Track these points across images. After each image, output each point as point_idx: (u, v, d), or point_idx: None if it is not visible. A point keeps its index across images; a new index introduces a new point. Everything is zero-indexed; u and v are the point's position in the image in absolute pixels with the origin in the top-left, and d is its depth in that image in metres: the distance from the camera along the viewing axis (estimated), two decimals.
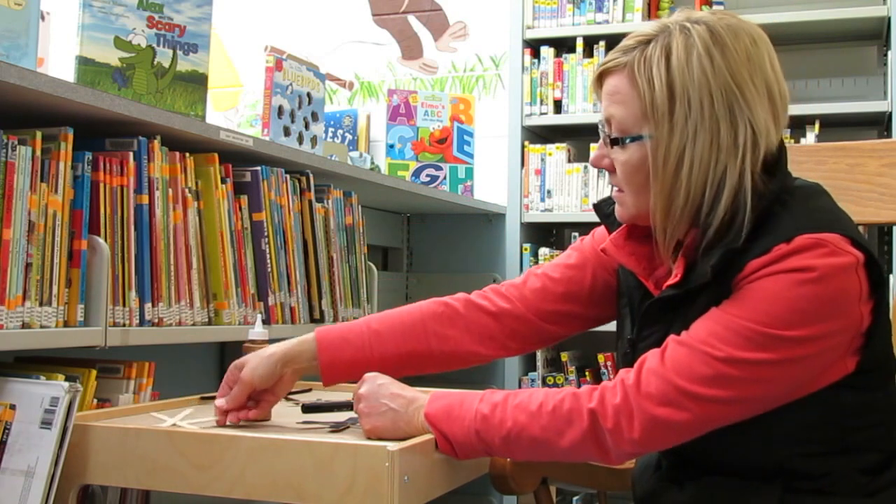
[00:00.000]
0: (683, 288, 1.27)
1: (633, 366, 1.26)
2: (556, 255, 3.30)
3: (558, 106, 3.35)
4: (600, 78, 1.33)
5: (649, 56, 1.27)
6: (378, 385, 1.36)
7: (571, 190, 3.30)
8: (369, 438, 1.34)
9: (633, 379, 1.23)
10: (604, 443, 1.24)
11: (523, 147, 3.36)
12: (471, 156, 3.41)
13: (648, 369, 1.23)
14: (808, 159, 1.63)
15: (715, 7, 3.16)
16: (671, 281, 1.29)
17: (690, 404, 1.20)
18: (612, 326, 3.03)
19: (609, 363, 3.18)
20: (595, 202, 1.47)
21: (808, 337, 1.18)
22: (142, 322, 1.70)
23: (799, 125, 3.02)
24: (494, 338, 1.51)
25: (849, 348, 1.22)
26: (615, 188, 1.36)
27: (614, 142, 1.30)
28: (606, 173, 1.38)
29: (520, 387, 3.24)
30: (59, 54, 2.35)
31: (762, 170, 1.26)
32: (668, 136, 1.25)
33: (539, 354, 3.30)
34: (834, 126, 3.11)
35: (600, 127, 1.35)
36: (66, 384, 1.37)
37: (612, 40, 3.27)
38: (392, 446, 1.24)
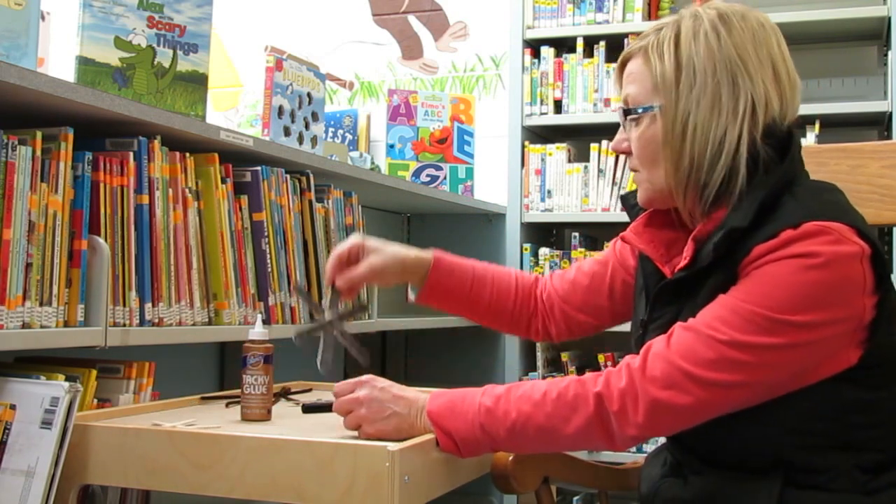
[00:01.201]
0: (692, 269, 1.30)
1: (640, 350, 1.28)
2: (555, 255, 3.31)
3: (558, 106, 3.35)
4: (621, 67, 1.43)
5: (662, 38, 1.36)
6: (380, 389, 1.36)
7: (572, 190, 3.30)
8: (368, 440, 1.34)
9: (639, 363, 1.25)
10: (609, 427, 1.25)
11: (523, 147, 3.36)
12: (471, 156, 3.40)
13: (654, 353, 1.25)
14: (810, 160, 1.63)
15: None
16: (681, 264, 1.32)
17: (694, 388, 1.22)
18: (614, 327, 3.02)
19: (609, 363, 3.17)
20: (622, 193, 1.54)
21: (811, 322, 1.19)
22: (142, 322, 1.70)
23: (799, 125, 3.01)
24: (546, 320, 1.67)
25: (851, 340, 1.23)
26: (633, 172, 1.42)
27: (627, 113, 1.38)
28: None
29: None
30: (59, 54, 2.35)
31: (765, 140, 1.30)
32: (675, 104, 1.32)
33: (539, 354, 3.30)
34: (834, 126, 3.11)
35: (619, 114, 1.42)
36: (67, 384, 1.37)
37: (613, 40, 3.27)
38: (392, 446, 1.24)
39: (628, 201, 1.50)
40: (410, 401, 1.35)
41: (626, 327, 1.56)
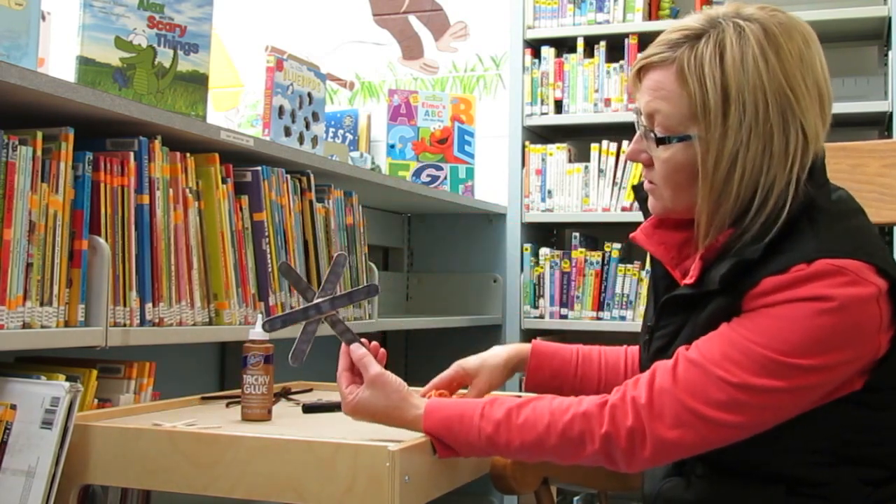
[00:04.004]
0: (697, 289, 1.27)
1: (642, 374, 1.26)
2: (556, 256, 3.30)
3: (559, 106, 3.34)
4: (640, 71, 1.31)
5: (700, 54, 1.24)
6: (384, 397, 1.36)
7: (572, 190, 3.30)
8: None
9: (645, 398, 1.22)
10: (615, 460, 1.24)
11: (524, 147, 3.36)
12: (471, 156, 3.40)
13: (660, 388, 1.22)
14: None
15: (716, 6, 3.14)
16: (687, 281, 1.29)
17: (702, 426, 1.20)
18: (613, 326, 3.02)
19: None
20: (635, 184, 1.46)
21: (823, 365, 1.17)
22: (142, 322, 1.70)
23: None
24: None
25: (859, 370, 1.21)
26: (647, 181, 1.35)
27: (660, 141, 1.28)
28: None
29: (521, 387, 3.23)
30: (59, 54, 2.35)
31: (808, 176, 1.25)
32: (720, 139, 1.23)
33: None
34: (835, 126, 3.08)
35: (637, 121, 1.33)
36: (67, 384, 1.37)
37: (613, 40, 3.27)
38: (393, 446, 1.24)
39: (640, 193, 1.40)
40: (406, 422, 1.34)
41: (625, 327, 1.56)
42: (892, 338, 1.20)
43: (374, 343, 1.42)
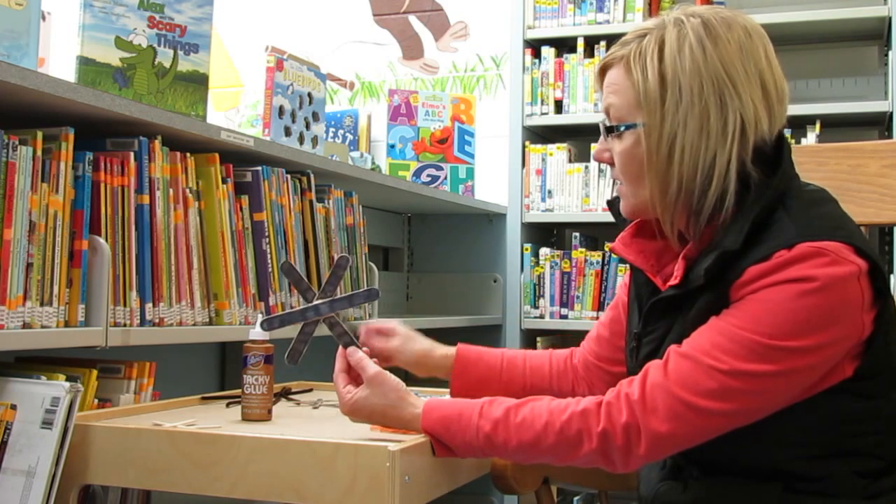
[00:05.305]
0: (682, 289, 1.28)
1: (636, 375, 1.26)
2: (556, 256, 3.31)
3: (559, 106, 3.35)
4: (602, 73, 1.37)
5: (644, 48, 1.30)
6: (382, 395, 1.36)
7: (572, 190, 3.30)
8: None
9: (638, 394, 1.23)
10: (612, 458, 1.25)
11: (524, 147, 3.36)
12: (471, 156, 3.40)
13: (653, 383, 1.23)
14: (810, 160, 1.63)
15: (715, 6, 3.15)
16: (672, 282, 1.30)
17: (695, 418, 1.21)
18: None
19: None
20: (609, 199, 1.49)
21: (810, 347, 1.18)
22: (143, 322, 1.70)
23: (799, 125, 3.02)
24: (590, 385, 1.58)
25: (848, 354, 1.22)
26: (618, 182, 1.38)
27: (609, 130, 1.34)
28: (608, 174, 1.41)
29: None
30: (59, 54, 2.35)
31: (756, 160, 1.27)
32: (659, 123, 1.28)
33: None
34: (835, 126, 3.10)
35: (601, 122, 1.37)
36: (67, 384, 1.37)
37: (613, 40, 3.23)
38: (393, 446, 1.24)
39: (615, 207, 1.44)
40: (404, 421, 1.34)
41: None
42: (874, 318, 1.22)
43: (374, 359, 1.44)
